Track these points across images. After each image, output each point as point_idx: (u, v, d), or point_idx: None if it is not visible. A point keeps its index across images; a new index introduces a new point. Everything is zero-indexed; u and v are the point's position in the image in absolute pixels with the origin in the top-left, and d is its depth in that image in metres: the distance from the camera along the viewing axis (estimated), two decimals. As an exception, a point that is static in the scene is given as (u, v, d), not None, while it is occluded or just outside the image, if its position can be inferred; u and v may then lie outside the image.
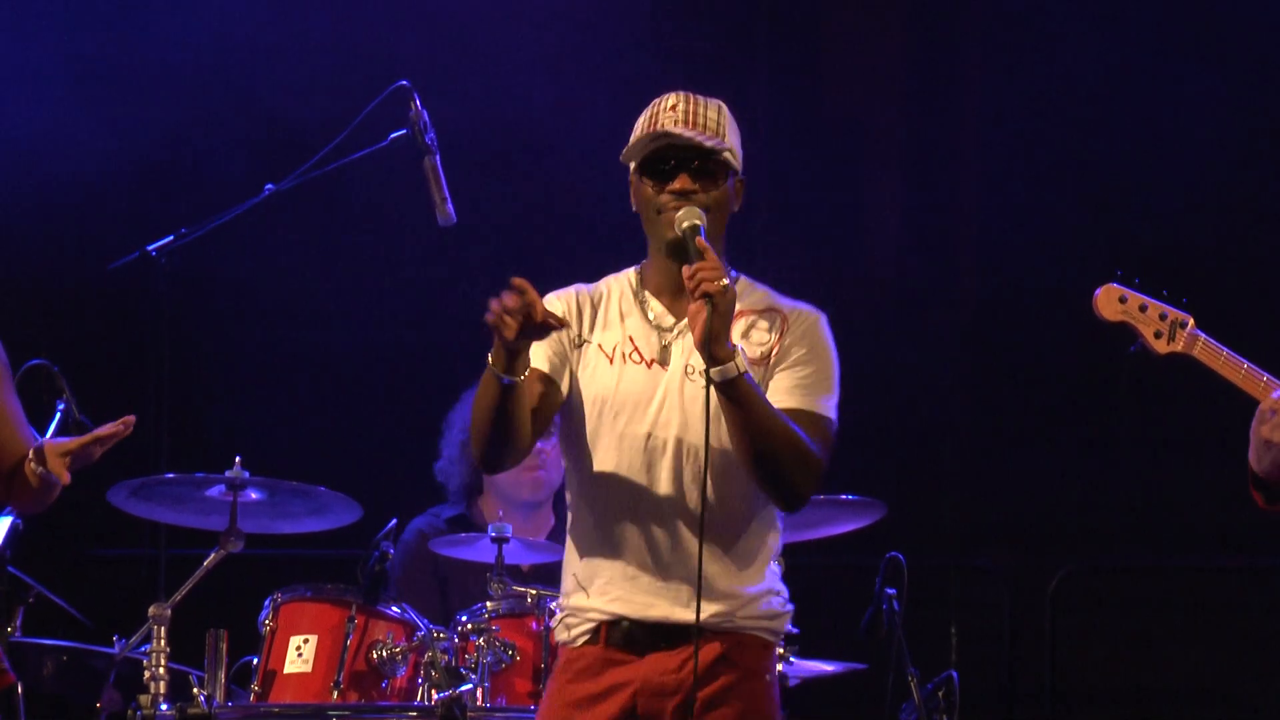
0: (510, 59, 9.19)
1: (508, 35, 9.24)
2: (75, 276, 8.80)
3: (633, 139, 4.56)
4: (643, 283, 4.61)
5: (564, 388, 4.56)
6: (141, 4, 9.10)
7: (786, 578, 6.34)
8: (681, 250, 4.46)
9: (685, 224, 4.43)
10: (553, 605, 4.65)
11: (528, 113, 8.90)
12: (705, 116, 4.53)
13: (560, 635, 4.58)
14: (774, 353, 4.52)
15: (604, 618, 4.49)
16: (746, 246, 9.30)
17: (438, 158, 6.21)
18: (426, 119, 6.24)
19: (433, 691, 6.07)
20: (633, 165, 4.58)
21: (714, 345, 4.29)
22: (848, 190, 9.39)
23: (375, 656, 6.16)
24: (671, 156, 4.50)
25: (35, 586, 6.76)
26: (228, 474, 6.32)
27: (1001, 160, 9.24)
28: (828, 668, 6.98)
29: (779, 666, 6.14)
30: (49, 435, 6.65)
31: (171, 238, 6.56)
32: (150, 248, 6.56)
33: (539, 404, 4.52)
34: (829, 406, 4.51)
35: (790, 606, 4.58)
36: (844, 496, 6.77)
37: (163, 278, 6.59)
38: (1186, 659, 9.08)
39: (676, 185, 4.49)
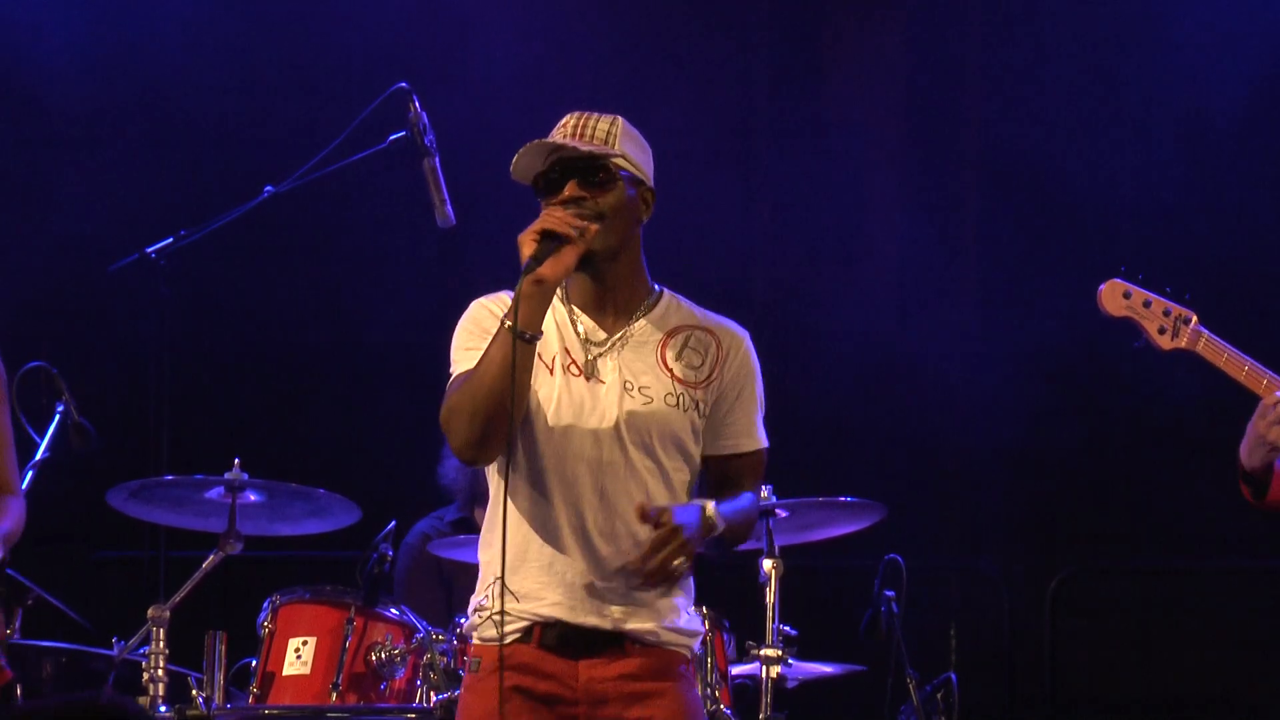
0: (510, 60, 9.19)
1: (508, 37, 9.24)
2: (75, 278, 8.79)
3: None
4: (568, 296, 4.60)
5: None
6: (140, 4, 9.09)
7: (787, 578, 6.39)
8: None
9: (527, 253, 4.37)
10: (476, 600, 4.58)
11: (528, 114, 8.90)
12: (594, 129, 4.52)
13: (486, 632, 4.52)
14: (712, 379, 4.56)
15: (538, 619, 4.49)
16: (746, 248, 9.32)
17: (437, 159, 6.20)
18: (426, 121, 6.23)
19: (431, 693, 6.07)
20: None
21: (703, 532, 4.41)
22: (847, 193, 9.39)
23: (374, 658, 6.16)
24: (559, 169, 4.50)
25: (34, 589, 6.75)
26: (227, 476, 6.32)
27: (1002, 164, 9.24)
28: (827, 669, 6.98)
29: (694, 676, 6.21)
30: (48, 437, 6.67)
31: (171, 239, 6.55)
32: (149, 249, 6.56)
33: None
34: (764, 431, 4.66)
35: (703, 627, 4.66)
36: (843, 499, 6.77)
37: (162, 279, 6.59)
38: (1186, 661, 9.08)
39: (565, 193, 4.48)
